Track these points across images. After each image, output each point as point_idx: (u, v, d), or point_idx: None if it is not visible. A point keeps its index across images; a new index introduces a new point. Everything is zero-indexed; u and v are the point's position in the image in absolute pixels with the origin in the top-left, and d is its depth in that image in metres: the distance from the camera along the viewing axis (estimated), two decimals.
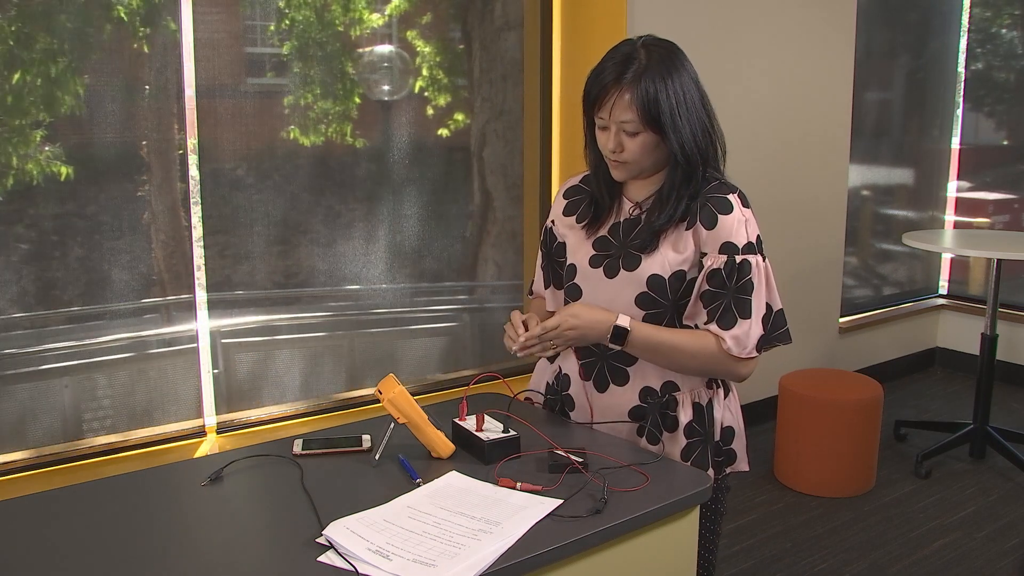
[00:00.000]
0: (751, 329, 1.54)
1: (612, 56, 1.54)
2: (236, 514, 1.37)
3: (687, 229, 1.57)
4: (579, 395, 1.70)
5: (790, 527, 3.06)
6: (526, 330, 1.59)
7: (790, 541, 2.96)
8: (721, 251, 1.54)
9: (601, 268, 1.63)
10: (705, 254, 1.56)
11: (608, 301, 1.62)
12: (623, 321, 1.56)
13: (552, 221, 1.78)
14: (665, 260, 1.57)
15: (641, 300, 1.59)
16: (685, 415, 1.63)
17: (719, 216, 1.55)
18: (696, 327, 1.59)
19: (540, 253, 1.83)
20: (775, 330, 1.59)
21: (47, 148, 2.53)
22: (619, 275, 1.61)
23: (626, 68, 1.51)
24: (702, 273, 1.56)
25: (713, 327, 1.55)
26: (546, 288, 1.80)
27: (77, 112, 2.56)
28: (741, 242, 1.54)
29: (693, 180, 1.57)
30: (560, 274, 1.77)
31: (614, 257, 1.63)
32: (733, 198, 1.57)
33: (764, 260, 1.57)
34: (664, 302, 1.59)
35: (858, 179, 4.51)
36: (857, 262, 4.68)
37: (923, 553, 2.87)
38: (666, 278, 1.57)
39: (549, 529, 1.26)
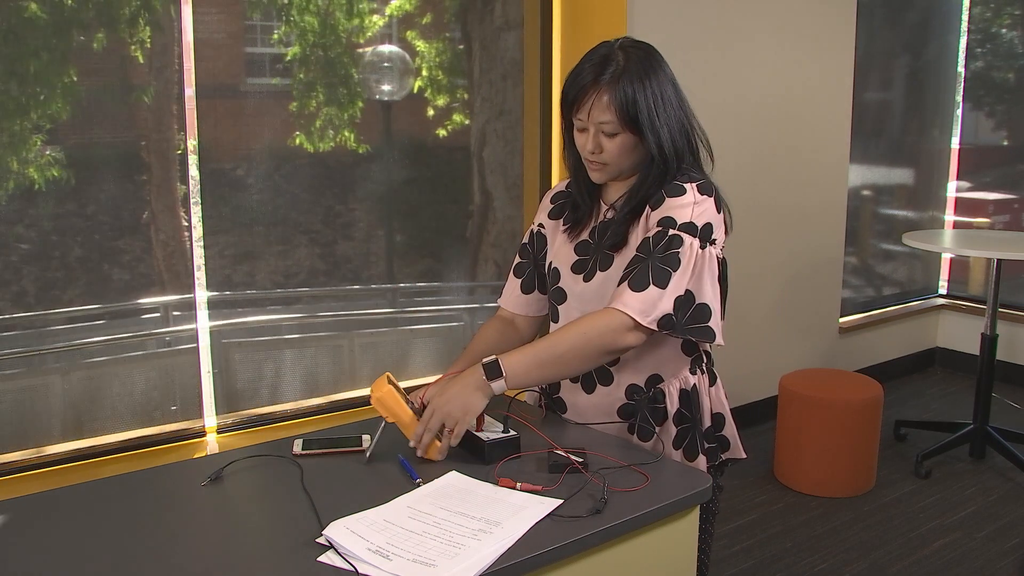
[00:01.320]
0: (661, 301, 1.47)
1: (590, 58, 1.54)
2: (236, 514, 1.37)
3: (642, 217, 1.57)
4: (568, 397, 1.71)
5: (790, 527, 3.06)
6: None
7: (790, 541, 2.96)
8: (658, 224, 1.52)
9: (581, 273, 1.65)
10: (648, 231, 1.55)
11: (589, 302, 1.62)
12: (488, 358, 1.48)
13: (540, 225, 1.79)
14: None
15: None
16: (672, 405, 1.63)
17: (667, 198, 1.54)
18: None
19: (518, 260, 1.82)
20: (692, 323, 1.50)
21: (48, 152, 2.53)
22: (595, 277, 1.62)
23: (604, 69, 1.51)
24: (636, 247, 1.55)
25: (622, 287, 1.49)
26: (529, 293, 1.80)
27: (77, 112, 2.56)
28: (680, 220, 1.51)
29: (666, 179, 1.56)
30: (546, 277, 1.78)
31: (591, 260, 1.64)
32: (689, 185, 1.54)
33: (703, 248, 1.51)
34: None
35: (858, 179, 4.51)
36: (857, 262, 4.68)
37: (923, 553, 2.87)
38: None
39: (549, 529, 1.26)
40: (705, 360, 1.69)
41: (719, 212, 1.56)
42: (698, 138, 1.60)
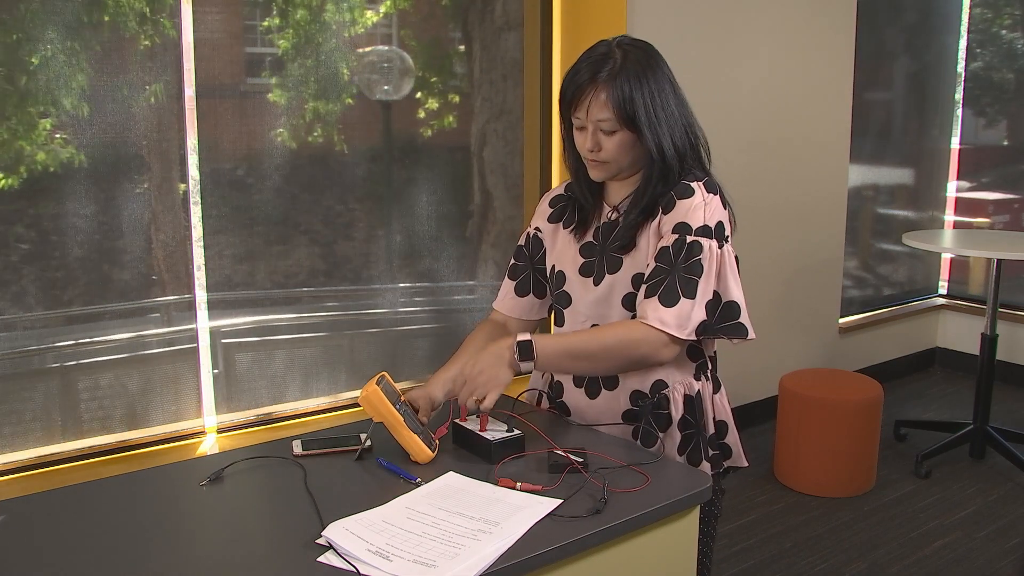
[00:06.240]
0: (694, 311, 1.49)
1: (587, 56, 1.54)
2: (236, 514, 1.37)
3: (654, 221, 1.57)
4: (572, 401, 1.70)
5: (790, 527, 3.06)
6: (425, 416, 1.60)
7: (790, 541, 2.96)
8: (674, 231, 1.53)
9: (589, 277, 1.64)
10: (662, 237, 1.55)
11: (597, 306, 1.62)
12: (523, 336, 1.51)
13: (537, 228, 1.78)
14: (644, 258, 1.57)
15: (628, 301, 1.59)
16: (677, 410, 1.62)
17: (677, 200, 1.55)
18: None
19: (514, 263, 1.80)
20: (723, 321, 1.54)
21: (57, 135, 2.53)
22: (604, 280, 1.61)
23: (601, 67, 1.51)
24: (653, 254, 1.54)
25: (652, 302, 1.50)
26: (523, 296, 1.78)
27: (77, 112, 2.56)
28: (695, 224, 1.52)
29: (670, 179, 1.56)
30: (542, 282, 1.77)
31: (598, 263, 1.63)
32: (696, 185, 1.55)
33: (721, 248, 1.53)
34: None
35: (858, 179, 4.50)
36: (857, 262, 4.68)
37: (923, 553, 2.87)
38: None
39: (549, 529, 1.26)
40: (709, 367, 1.68)
41: (725, 209, 1.57)
42: (697, 137, 1.61)
